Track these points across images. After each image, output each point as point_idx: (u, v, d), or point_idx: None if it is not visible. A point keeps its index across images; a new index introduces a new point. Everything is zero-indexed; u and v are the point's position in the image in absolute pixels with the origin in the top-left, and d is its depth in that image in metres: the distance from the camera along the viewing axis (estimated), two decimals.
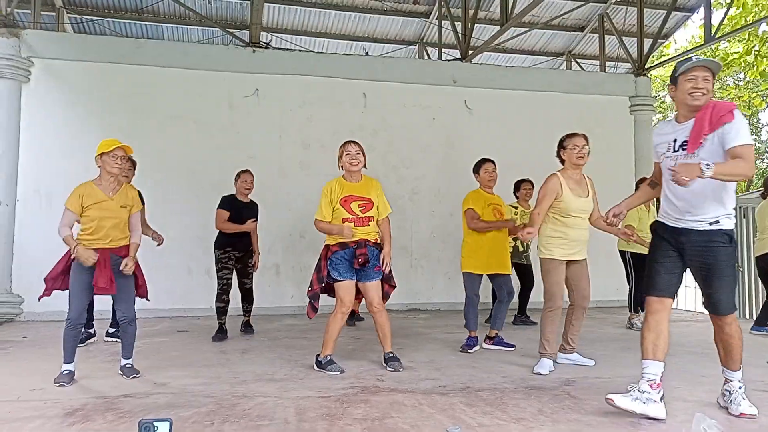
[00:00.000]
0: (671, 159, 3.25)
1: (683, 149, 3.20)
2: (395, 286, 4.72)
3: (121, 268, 4.09)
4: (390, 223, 4.66)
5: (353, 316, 6.91)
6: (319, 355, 4.49)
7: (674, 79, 3.27)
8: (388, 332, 4.53)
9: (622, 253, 6.77)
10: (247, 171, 6.18)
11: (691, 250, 3.23)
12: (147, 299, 4.44)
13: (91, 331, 5.69)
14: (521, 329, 6.61)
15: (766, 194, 6.65)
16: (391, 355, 4.52)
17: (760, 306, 7.16)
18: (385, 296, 4.62)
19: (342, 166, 4.55)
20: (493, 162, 5.46)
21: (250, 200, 6.21)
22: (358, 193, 4.46)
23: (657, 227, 3.44)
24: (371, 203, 4.46)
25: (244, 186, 6.10)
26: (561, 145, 4.67)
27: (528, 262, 7.06)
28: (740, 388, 3.30)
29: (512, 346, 5.35)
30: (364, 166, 4.56)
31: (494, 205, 5.38)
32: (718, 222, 3.16)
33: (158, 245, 5.64)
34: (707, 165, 2.87)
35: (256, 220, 6.17)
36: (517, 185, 7.03)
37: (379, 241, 4.52)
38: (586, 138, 4.64)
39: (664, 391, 3.21)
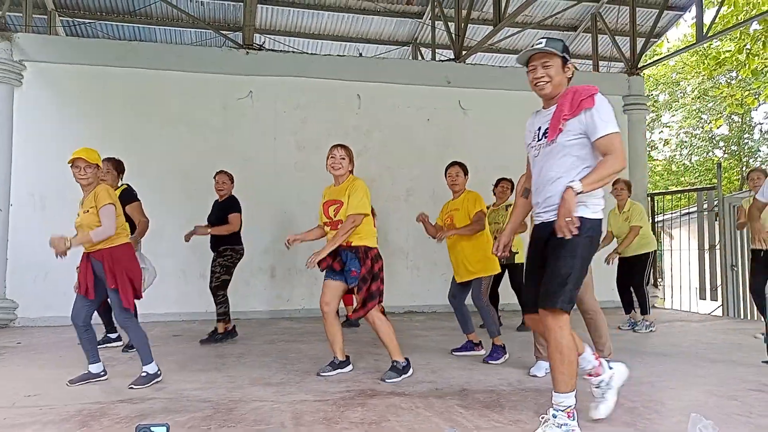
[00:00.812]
0: (535, 148, 3.08)
1: (545, 137, 3.00)
2: (365, 300, 4.28)
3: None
4: (351, 224, 4.23)
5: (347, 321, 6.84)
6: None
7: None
8: (383, 338, 4.36)
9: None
10: (219, 172, 6.15)
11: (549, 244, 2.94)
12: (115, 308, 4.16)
13: (112, 336, 5.71)
14: (518, 334, 6.56)
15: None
16: (392, 364, 4.32)
17: None
18: (364, 305, 4.31)
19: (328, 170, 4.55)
20: (458, 164, 5.26)
21: (231, 196, 6.12)
22: (335, 197, 4.44)
23: (532, 232, 3.18)
24: (342, 205, 4.38)
25: (216, 187, 6.11)
26: None
27: (510, 261, 6.73)
28: (554, 417, 2.79)
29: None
30: (351, 171, 4.49)
31: (448, 212, 5.26)
32: None
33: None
34: (572, 182, 2.75)
35: (228, 213, 5.92)
36: (496, 183, 6.96)
37: (353, 244, 4.32)
38: None
39: (609, 362, 3.22)
